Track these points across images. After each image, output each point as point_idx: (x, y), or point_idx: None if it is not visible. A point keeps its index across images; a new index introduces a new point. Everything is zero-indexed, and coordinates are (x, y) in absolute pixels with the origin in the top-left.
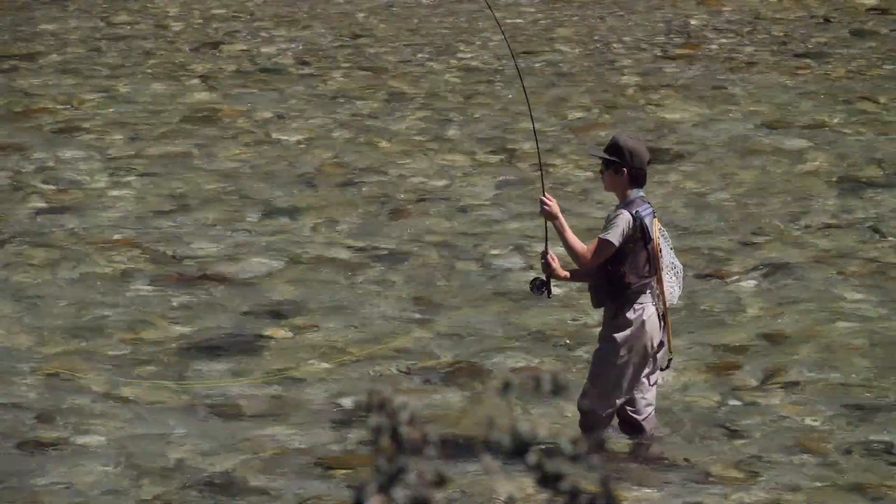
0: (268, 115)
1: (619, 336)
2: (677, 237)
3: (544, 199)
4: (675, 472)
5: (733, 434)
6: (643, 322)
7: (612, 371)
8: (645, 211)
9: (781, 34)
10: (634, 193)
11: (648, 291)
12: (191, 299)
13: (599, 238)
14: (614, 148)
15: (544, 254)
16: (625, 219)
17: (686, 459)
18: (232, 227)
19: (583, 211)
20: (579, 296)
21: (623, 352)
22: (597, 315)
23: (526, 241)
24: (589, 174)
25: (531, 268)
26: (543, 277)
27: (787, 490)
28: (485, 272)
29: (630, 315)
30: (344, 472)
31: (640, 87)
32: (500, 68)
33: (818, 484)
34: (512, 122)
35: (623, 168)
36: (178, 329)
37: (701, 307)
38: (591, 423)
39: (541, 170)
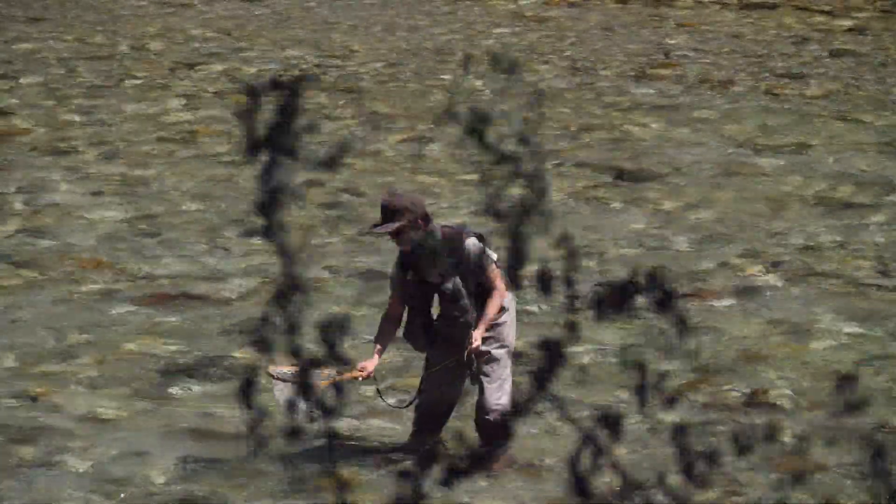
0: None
1: (512, 336)
2: (654, 256)
3: (476, 346)
4: (650, 493)
5: (710, 454)
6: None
7: (509, 370)
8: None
9: (760, 54)
10: (434, 225)
11: None
12: (169, 320)
13: (494, 273)
14: (394, 213)
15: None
16: (478, 244)
17: (661, 479)
18: (210, 246)
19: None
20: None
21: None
22: None
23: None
24: (561, 196)
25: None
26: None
27: None
28: None
29: (512, 312)
30: (327, 493)
31: (617, 107)
32: (481, 88)
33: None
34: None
35: (413, 221)
36: (157, 350)
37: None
38: (501, 431)
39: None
